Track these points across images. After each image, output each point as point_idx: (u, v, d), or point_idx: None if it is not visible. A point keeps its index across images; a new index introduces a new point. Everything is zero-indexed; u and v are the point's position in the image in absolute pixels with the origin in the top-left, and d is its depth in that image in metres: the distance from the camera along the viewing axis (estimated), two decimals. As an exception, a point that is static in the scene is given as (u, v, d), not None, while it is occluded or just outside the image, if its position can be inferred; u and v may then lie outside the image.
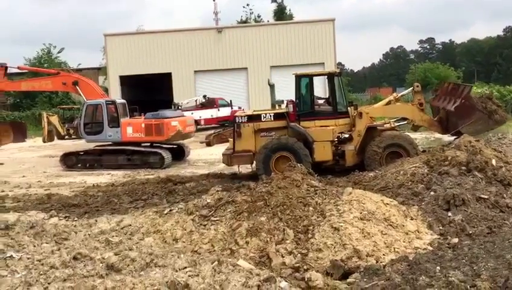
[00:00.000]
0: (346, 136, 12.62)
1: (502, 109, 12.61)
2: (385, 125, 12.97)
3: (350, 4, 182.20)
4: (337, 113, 12.62)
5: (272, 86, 15.18)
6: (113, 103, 17.06)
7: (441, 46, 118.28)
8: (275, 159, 12.13)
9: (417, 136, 16.39)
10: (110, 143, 16.97)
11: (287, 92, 18.18)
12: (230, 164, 13.00)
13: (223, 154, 13.18)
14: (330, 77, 12.91)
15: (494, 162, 8.39)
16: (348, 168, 12.07)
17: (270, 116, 12.66)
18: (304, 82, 12.78)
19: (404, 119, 13.42)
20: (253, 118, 12.73)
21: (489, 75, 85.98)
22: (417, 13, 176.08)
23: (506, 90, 34.07)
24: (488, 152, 8.92)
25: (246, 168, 13.58)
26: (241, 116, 12.82)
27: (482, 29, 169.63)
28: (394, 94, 14.06)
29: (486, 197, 7.20)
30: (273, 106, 14.34)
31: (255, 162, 12.48)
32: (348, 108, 12.87)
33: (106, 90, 33.08)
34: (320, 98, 13.94)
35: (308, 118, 12.48)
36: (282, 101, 14.07)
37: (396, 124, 13.26)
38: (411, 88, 13.61)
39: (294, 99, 12.76)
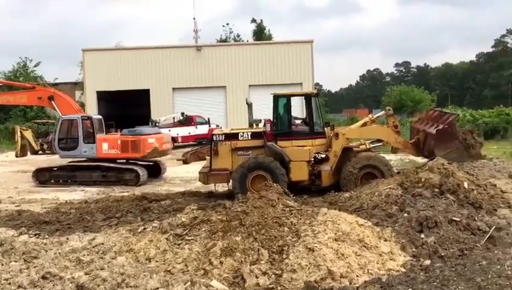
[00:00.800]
0: (323, 156, 12.73)
1: (479, 146, 12.87)
2: (361, 146, 13.14)
3: (328, 26, 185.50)
4: (314, 133, 12.74)
5: (249, 105, 15.25)
6: (89, 118, 16.89)
7: (416, 70, 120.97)
8: (252, 178, 12.14)
9: (392, 158, 16.62)
10: (84, 159, 16.73)
11: (265, 111, 18.31)
12: (207, 182, 12.94)
13: (199, 173, 13.12)
14: (307, 97, 13.05)
15: (466, 185, 8.57)
16: (324, 188, 12.14)
17: (248, 135, 12.69)
18: (281, 102, 12.88)
19: (379, 140, 13.62)
20: (231, 136, 12.73)
21: (463, 99, 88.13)
22: (394, 37, 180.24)
23: (479, 114, 34.93)
24: (460, 175, 9.11)
25: (222, 187, 13.54)
26: (219, 135, 12.82)
27: (455, 54, 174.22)
28: (370, 116, 14.26)
29: (458, 219, 7.31)
30: (250, 125, 14.39)
31: (231, 180, 12.45)
32: (325, 129, 13.01)
33: (83, 105, 32.76)
34: (297, 118, 14.06)
35: (285, 138, 12.55)
36: (260, 121, 14.14)
37: (372, 145, 13.44)
38: (384, 111, 13.88)
39: (271, 119, 12.84)
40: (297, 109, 14.51)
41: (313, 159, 12.65)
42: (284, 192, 8.41)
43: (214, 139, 12.71)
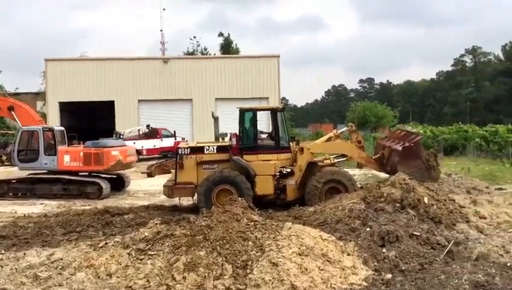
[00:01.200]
0: (288, 170, 12.81)
1: (439, 170, 13.26)
2: (325, 161, 13.30)
3: (294, 42, 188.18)
4: (280, 148, 12.81)
5: (216, 119, 15.25)
6: (51, 129, 16.50)
7: (379, 86, 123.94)
8: (217, 192, 12.09)
9: (356, 173, 16.87)
10: (45, 171, 16.28)
11: (231, 125, 18.35)
12: (171, 196, 12.81)
13: (164, 186, 12.98)
14: (273, 112, 13.14)
15: (426, 200, 8.78)
16: (288, 202, 12.21)
17: (213, 148, 12.66)
18: (247, 116, 12.93)
19: (343, 155, 13.83)
20: (196, 150, 12.66)
21: (423, 115, 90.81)
22: (357, 54, 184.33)
23: (439, 131, 35.99)
24: (421, 190, 9.32)
25: (187, 201, 13.42)
26: (184, 148, 12.73)
27: (417, 72, 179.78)
28: (334, 131, 14.54)
29: (418, 234, 7.48)
30: (216, 139, 14.37)
31: (196, 194, 12.37)
32: (290, 143, 13.11)
33: (44, 116, 31.98)
34: (263, 133, 14.15)
35: (250, 152, 12.58)
36: (226, 134, 14.15)
37: (336, 160, 13.64)
38: (347, 127, 14.17)
39: (237, 133, 12.87)
40: (263, 123, 14.56)
41: (278, 174, 12.71)
42: (248, 206, 8.40)
43: (179, 152, 12.62)
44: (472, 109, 78.41)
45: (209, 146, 12.75)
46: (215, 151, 12.60)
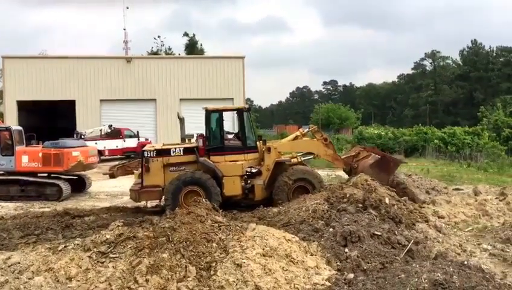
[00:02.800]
0: (255, 170, 12.83)
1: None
2: (292, 159, 13.38)
3: (257, 43, 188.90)
4: (247, 148, 12.81)
5: (181, 120, 15.10)
6: (8, 129, 15.96)
7: (342, 89, 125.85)
8: (185, 193, 11.98)
9: (320, 173, 17.05)
10: (2, 173, 15.74)
11: (195, 125, 18.23)
12: (139, 200, 12.60)
13: (130, 190, 12.76)
14: (240, 112, 13.12)
15: (387, 200, 8.98)
16: (256, 202, 12.21)
17: (180, 150, 12.53)
18: (214, 117, 12.86)
19: (309, 153, 13.96)
20: (162, 152, 12.51)
21: (385, 117, 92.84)
22: (321, 56, 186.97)
23: (399, 132, 36.88)
24: (382, 191, 9.53)
25: (153, 203, 13.22)
26: (150, 151, 12.54)
27: (378, 74, 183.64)
28: (300, 130, 14.63)
29: (379, 233, 7.62)
30: (183, 140, 14.23)
31: (164, 195, 12.21)
32: (257, 143, 13.13)
33: (1, 115, 30.92)
34: (229, 133, 14.10)
35: (217, 153, 12.53)
36: (192, 136, 14.02)
37: (303, 158, 13.75)
38: (308, 128, 14.36)
39: (203, 134, 12.79)
40: (229, 123, 14.52)
41: (246, 174, 12.70)
42: (213, 207, 8.37)
43: (145, 155, 12.42)
44: (431, 111, 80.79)
45: (175, 148, 12.62)
46: (182, 153, 12.49)
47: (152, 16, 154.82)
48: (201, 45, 53.74)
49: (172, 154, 12.46)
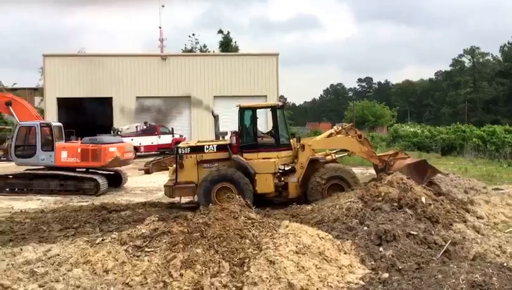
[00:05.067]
0: (288, 168, 12.79)
1: None
2: (327, 157, 13.26)
3: (289, 41, 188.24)
4: (280, 145, 12.76)
5: (216, 117, 15.20)
6: (48, 125, 16.45)
7: (377, 86, 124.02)
8: (217, 191, 12.06)
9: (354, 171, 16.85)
10: (42, 167, 16.25)
11: (228, 122, 18.32)
12: (173, 196, 12.76)
13: (164, 186, 12.94)
14: (273, 109, 13.08)
15: (423, 199, 8.78)
16: (290, 200, 12.17)
17: (213, 147, 12.62)
18: (247, 114, 12.87)
19: (344, 150, 13.82)
20: (196, 149, 12.63)
21: (421, 115, 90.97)
22: (355, 53, 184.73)
23: (436, 131, 36.02)
24: (418, 190, 9.32)
25: (186, 199, 13.36)
26: (184, 147, 12.69)
27: (415, 71, 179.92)
28: (335, 127, 14.49)
29: (415, 233, 7.47)
30: (217, 137, 14.33)
31: (197, 191, 12.33)
32: (291, 140, 13.08)
33: (42, 111, 31.90)
34: (263, 134, 14.01)
35: (250, 150, 12.53)
36: (226, 133, 14.09)
37: (337, 155, 13.61)
38: (341, 126, 14.20)
39: (237, 131, 12.83)
40: (262, 121, 14.48)
41: (279, 171, 12.68)
42: (246, 204, 8.40)
43: (179, 152, 12.57)
44: (470, 109, 78.55)
45: (209, 145, 12.72)
46: (215, 150, 12.57)
47: (184, 14, 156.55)
48: (235, 42, 53.89)
49: (206, 151, 12.56)
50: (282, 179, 12.63)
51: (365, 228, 7.76)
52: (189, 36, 58.98)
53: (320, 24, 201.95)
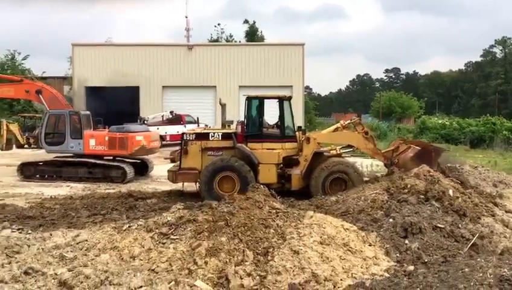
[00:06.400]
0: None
1: None
2: (331, 151, 13.19)
3: (314, 31, 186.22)
4: (285, 137, 12.71)
5: (223, 106, 15.28)
6: (77, 113, 16.74)
7: (405, 76, 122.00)
8: (220, 179, 12.13)
9: (367, 162, 16.69)
10: (71, 155, 16.58)
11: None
12: (175, 181, 12.90)
13: (168, 171, 13.09)
14: (280, 100, 12.94)
15: (451, 192, 8.64)
16: (293, 191, 12.13)
17: (218, 135, 12.66)
18: (254, 104, 12.84)
19: (349, 146, 13.73)
20: (201, 136, 12.69)
21: (450, 107, 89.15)
22: (382, 43, 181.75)
23: (465, 123, 35.29)
24: (446, 182, 9.18)
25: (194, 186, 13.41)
26: (189, 134, 12.77)
27: (444, 62, 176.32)
28: (341, 122, 14.38)
29: (442, 226, 7.38)
30: (223, 126, 14.38)
31: (199, 179, 12.39)
32: (296, 133, 13.01)
33: (71, 100, 32.47)
34: (269, 124, 13.97)
35: (255, 140, 12.52)
36: (232, 122, 14.11)
37: (343, 150, 13.52)
38: (350, 120, 14.06)
39: (244, 121, 12.84)
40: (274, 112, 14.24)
41: (282, 163, 12.61)
42: (270, 194, 8.43)
43: (184, 138, 12.66)
44: (501, 101, 76.60)
45: (214, 133, 12.77)
46: (220, 138, 12.60)
47: (209, 4, 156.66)
48: (261, 32, 53.68)
49: (210, 138, 12.60)
50: (286, 170, 12.61)
51: (391, 220, 7.70)
52: (215, 26, 58.92)
53: (346, 14, 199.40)
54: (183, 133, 13.00)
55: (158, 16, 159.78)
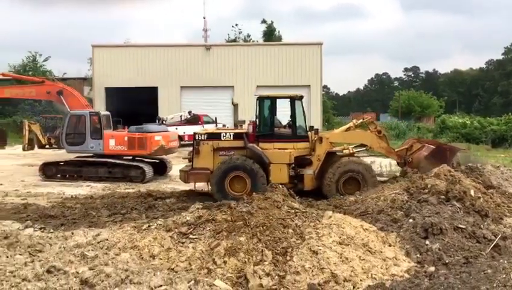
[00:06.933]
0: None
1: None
2: (344, 151, 13.08)
3: (332, 30, 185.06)
4: (297, 136, 12.66)
5: (235, 106, 15.28)
6: (97, 114, 16.94)
7: (424, 75, 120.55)
8: (230, 179, 12.13)
9: (386, 161, 16.52)
10: (91, 155, 16.79)
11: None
12: (187, 181, 12.94)
13: (180, 171, 13.16)
14: (292, 100, 12.87)
15: (472, 192, 8.50)
16: (306, 191, 12.05)
17: (230, 135, 12.67)
18: (266, 104, 12.82)
19: (363, 145, 13.61)
20: (213, 136, 12.71)
21: (471, 106, 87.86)
22: (400, 42, 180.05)
23: (487, 122, 34.72)
24: (467, 182, 9.04)
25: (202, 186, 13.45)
26: (201, 134, 12.80)
27: (464, 60, 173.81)
28: (354, 121, 14.27)
29: (463, 227, 7.26)
30: (235, 126, 14.37)
31: (211, 179, 12.41)
32: (308, 132, 12.94)
33: (91, 101, 32.88)
34: (280, 123, 13.92)
35: (267, 140, 12.49)
36: (244, 121, 14.10)
37: (356, 150, 13.41)
38: (362, 120, 13.95)
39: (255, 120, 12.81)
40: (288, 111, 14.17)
41: (294, 163, 12.53)
42: (289, 194, 8.41)
43: (196, 138, 12.69)
44: (523, 99, 75.14)
45: (225, 133, 12.78)
46: (232, 138, 12.61)
47: (226, 5, 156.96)
48: (278, 32, 53.54)
49: (222, 138, 12.62)
50: (298, 170, 12.54)
51: (411, 220, 7.60)
52: (233, 26, 59.01)
53: (364, 13, 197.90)
54: (195, 133, 13.04)
55: (176, 17, 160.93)
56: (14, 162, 21.12)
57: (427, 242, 6.89)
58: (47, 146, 21.10)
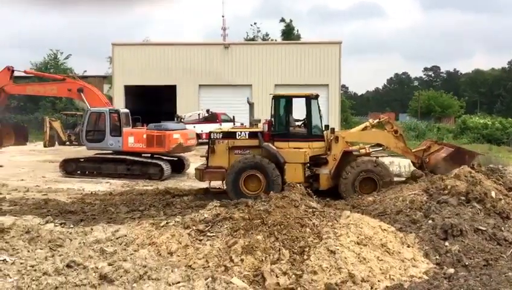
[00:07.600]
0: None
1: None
2: (361, 150, 12.97)
3: (350, 29, 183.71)
4: (312, 136, 12.57)
5: (251, 105, 15.26)
6: (117, 111, 17.12)
7: (445, 75, 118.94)
8: (245, 178, 12.10)
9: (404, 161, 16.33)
10: (110, 152, 16.97)
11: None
12: (202, 179, 12.95)
13: (195, 169, 13.17)
14: (308, 99, 12.77)
15: (493, 194, 8.37)
16: (321, 191, 11.95)
17: (245, 134, 12.65)
18: (281, 103, 12.76)
19: (379, 145, 13.47)
20: (228, 135, 12.70)
21: (492, 106, 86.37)
22: (421, 41, 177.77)
23: (508, 122, 34.16)
24: (488, 184, 8.90)
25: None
26: (216, 133, 12.81)
27: (485, 60, 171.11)
28: (370, 120, 14.12)
29: (484, 229, 7.16)
30: (251, 125, 14.38)
31: (225, 178, 12.39)
32: (324, 132, 12.85)
33: (111, 98, 33.22)
34: (298, 120, 13.85)
35: (282, 139, 12.43)
36: (259, 120, 14.09)
37: (372, 149, 13.28)
38: (378, 119, 13.79)
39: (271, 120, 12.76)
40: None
41: (310, 162, 12.47)
42: (307, 193, 8.39)
43: (212, 137, 12.70)
44: (546, 100, 73.58)
45: (241, 132, 12.77)
46: (247, 137, 12.58)
47: (243, 3, 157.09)
48: (297, 30, 53.33)
49: (237, 137, 12.59)
50: (314, 170, 12.47)
51: (430, 221, 7.52)
52: (251, 25, 59.08)
53: (383, 12, 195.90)
54: (210, 132, 13.06)
55: (195, 16, 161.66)
56: (35, 158, 21.48)
57: (447, 244, 6.81)
58: (67, 143, 21.45)
